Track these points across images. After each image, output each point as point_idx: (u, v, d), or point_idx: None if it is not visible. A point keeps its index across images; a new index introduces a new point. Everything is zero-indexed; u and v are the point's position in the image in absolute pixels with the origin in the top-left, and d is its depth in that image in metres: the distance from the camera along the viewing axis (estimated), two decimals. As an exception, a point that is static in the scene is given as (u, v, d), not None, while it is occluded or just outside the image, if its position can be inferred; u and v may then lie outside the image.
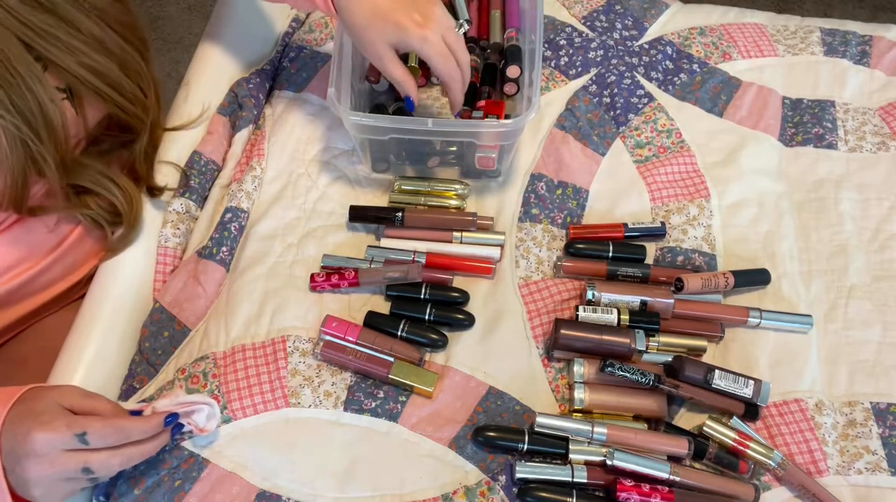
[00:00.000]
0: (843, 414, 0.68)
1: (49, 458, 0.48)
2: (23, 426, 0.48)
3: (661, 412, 0.65)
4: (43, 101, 0.49)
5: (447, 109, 0.86)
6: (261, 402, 0.67)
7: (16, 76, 0.47)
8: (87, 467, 0.49)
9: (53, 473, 0.48)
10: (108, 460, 0.50)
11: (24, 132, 0.49)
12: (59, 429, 0.48)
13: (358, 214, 0.77)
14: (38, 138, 0.50)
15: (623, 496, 0.60)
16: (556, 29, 0.93)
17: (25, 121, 0.49)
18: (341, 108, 0.69)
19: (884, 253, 0.77)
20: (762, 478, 0.65)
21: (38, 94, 0.49)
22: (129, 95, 0.59)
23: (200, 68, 0.85)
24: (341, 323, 0.69)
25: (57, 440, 0.48)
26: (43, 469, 0.48)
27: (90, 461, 0.49)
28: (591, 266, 0.74)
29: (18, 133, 0.49)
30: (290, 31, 0.95)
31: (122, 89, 0.57)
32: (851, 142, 0.84)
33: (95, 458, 0.49)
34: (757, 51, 0.91)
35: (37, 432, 0.47)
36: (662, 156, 0.83)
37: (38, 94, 0.49)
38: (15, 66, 0.47)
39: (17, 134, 0.49)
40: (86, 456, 0.49)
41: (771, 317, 0.71)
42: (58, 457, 0.48)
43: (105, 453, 0.50)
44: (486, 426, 0.65)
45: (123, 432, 0.51)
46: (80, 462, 0.49)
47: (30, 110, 0.49)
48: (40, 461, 0.48)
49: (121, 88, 0.57)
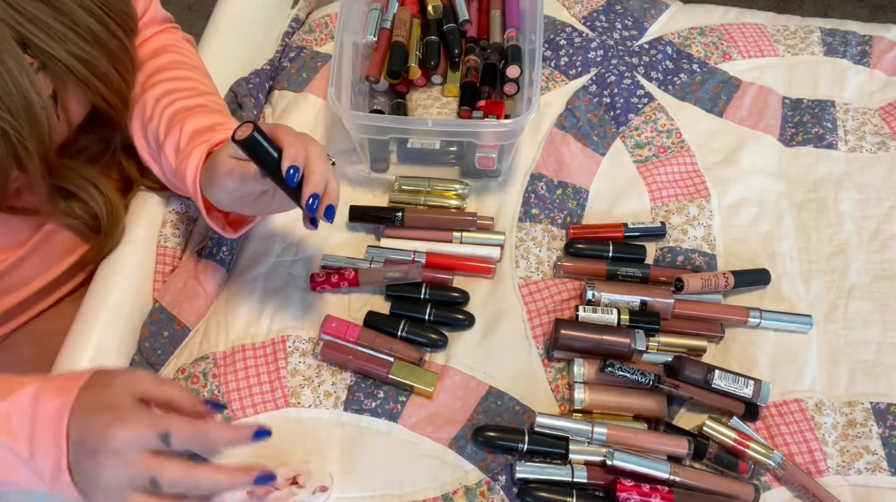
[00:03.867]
0: (843, 414, 0.68)
1: (126, 458, 0.44)
2: (98, 419, 0.44)
3: (661, 412, 0.65)
4: (27, 91, 0.48)
5: (447, 109, 0.86)
6: (261, 402, 0.67)
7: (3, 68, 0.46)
8: (155, 479, 0.44)
9: (126, 475, 0.44)
10: (181, 477, 0.45)
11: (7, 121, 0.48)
12: (141, 428, 0.44)
13: (358, 214, 0.77)
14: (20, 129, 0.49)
15: (623, 496, 0.60)
16: (556, 29, 0.93)
17: (8, 111, 0.48)
18: (341, 107, 0.69)
19: (884, 253, 0.77)
20: (762, 478, 0.65)
21: (22, 85, 0.48)
22: (115, 87, 0.58)
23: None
24: (341, 323, 0.69)
25: (138, 439, 0.44)
26: (117, 469, 0.44)
27: (162, 472, 0.44)
28: (591, 266, 0.74)
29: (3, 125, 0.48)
30: (290, 31, 0.95)
31: (109, 81, 0.57)
32: (851, 142, 0.84)
33: (168, 471, 0.45)
34: (757, 51, 0.91)
35: (116, 429, 0.44)
36: (662, 156, 0.83)
37: (23, 85, 0.48)
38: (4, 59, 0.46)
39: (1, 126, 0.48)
40: (160, 464, 0.45)
41: (771, 317, 0.71)
42: (134, 458, 0.44)
43: (178, 469, 0.45)
44: (486, 426, 0.65)
45: (207, 437, 0.46)
46: (154, 469, 0.44)
47: (12, 100, 0.48)
48: (117, 460, 0.44)
49: (107, 80, 0.56)
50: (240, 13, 0.90)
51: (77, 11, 0.51)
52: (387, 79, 0.83)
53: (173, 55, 0.68)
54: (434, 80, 0.88)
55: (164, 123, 0.62)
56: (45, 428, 0.45)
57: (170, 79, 0.65)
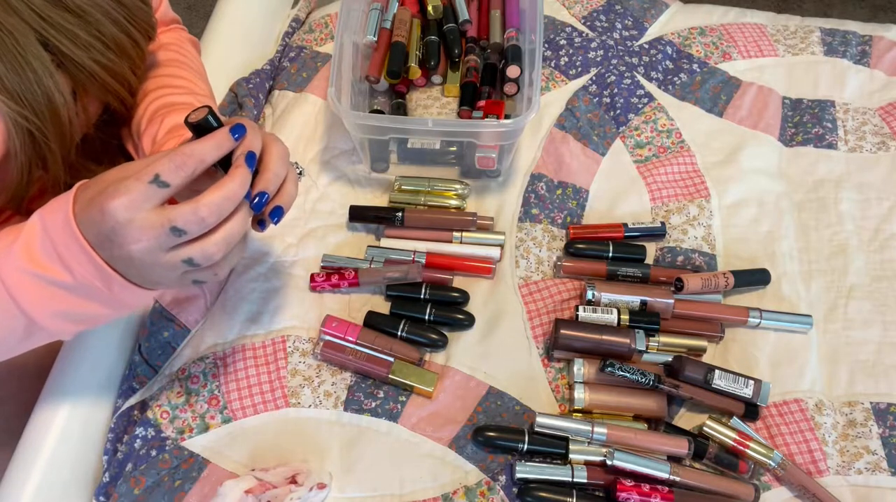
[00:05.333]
0: (843, 414, 0.68)
1: (137, 225, 0.42)
2: (95, 206, 0.42)
3: (661, 412, 0.65)
4: (52, 92, 0.50)
5: (447, 109, 0.86)
6: (261, 402, 0.67)
7: (29, 70, 0.48)
8: (173, 226, 0.42)
9: (150, 240, 0.42)
10: (194, 212, 0.43)
11: (33, 123, 0.49)
12: (131, 188, 0.42)
13: (358, 214, 0.77)
14: (45, 128, 0.51)
15: (623, 496, 0.60)
16: (556, 29, 0.93)
17: (33, 111, 0.49)
18: (341, 107, 0.69)
19: (884, 253, 0.77)
20: (762, 478, 0.65)
21: (46, 86, 0.49)
22: (132, 88, 0.59)
23: (200, 68, 0.85)
24: (341, 323, 0.69)
25: (134, 199, 0.42)
26: (139, 239, 0.42)
27: (175, 215, 0.42)
28: (591, 266, 0.74)
29: (26, 124, 0.49)
30: (290, 31, 0.95)
31: (128, 83, 0.58)
32: (851, 142, 0.84)
33: (178, 211, 0.43)
34: (757, 51, 0.91)
35: (110, 202, 0.42)
36: (662, 156, 0.83)
37: (47, 86, 0.49)
38: (30, 61, 0.48)
39: (25, 124, 0.49)
40: (168, 211, 0.42)
41: (771, 317, 0.71)
42: (143, 220, 0.42)
43: (188, 205, 0.43)
44: (486, 426, 0.65)
45: (195, 154, 0.43)
46: (166, 219, 0.42)
47: (37, 101, 0.49)
48: (132, 230, 0.42)
49: (125, 82, 0.57)
50: (240, 13, 0.90)
51: (102, 21, 0.52)
52: (387, 79, 0.83)
53: (171, 53, 0.68)
54: (434, 80, 0.88)
55: (147, 116, 0.62)
56: (66, 245, 0.44)
57: (162, 75, 0.65)
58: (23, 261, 0.45)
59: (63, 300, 0.46)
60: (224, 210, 0.44)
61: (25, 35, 0.47)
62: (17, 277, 0.45)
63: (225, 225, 0.45)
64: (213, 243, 0.45)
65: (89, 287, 0.46)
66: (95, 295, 0.46)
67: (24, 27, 0.47)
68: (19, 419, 0.64)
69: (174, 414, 0.66)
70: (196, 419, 0.66)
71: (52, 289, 0.45)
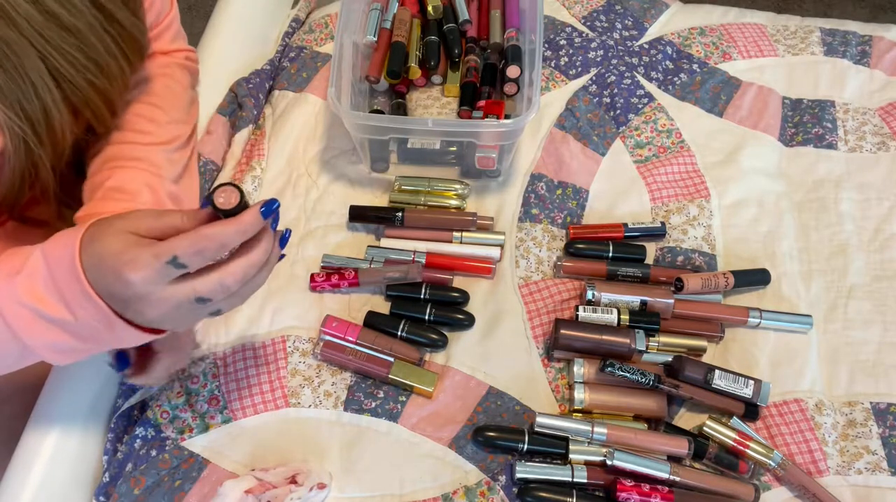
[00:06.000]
0: (843, 414, 0.68)
1: (155, 296, 0.43)
2: (108, 271, 0.43)
3: (661, 412, 0.65)
4: (49, 109, 0.51)
5: (447, 109, 0.86)
6: (261, 402, 0.67)
7: (28, 84, 0.49)
8: (199, 297, 0.43)
9: (171, 308, 0.44)
10: (220, 282, 0.44)
11: (28, 133, 0.51)
12: (147, 264, 0.42)
13: (358, 214, 0.77)
14: (40, 139, 0.52)
15: (623, 496, 0.60)
16: (556, 29, 0.93)
17: (30, 123, 0.50)
18: (341, 107, 0.69)
19: (884, 253, 0.77)
20: (762, 478, 0.65)
21: (45, 102, 0.50)
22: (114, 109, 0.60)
23: (200, 68, 0.85)
24: (341, 323, 0.69)
25: (152, 276, 0.42)
26: (159, 307, 0.43)
27: (199, 289, 0.43)
28: (591, 266, 0.74)
29: (22, 134, 0.50)
30: (290, 31, 0.95)
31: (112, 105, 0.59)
32: (851, 143, 0.84)
33: (203, 285, 0.43)
34: (757, 51, 0.91)
35: (128, 274, 0.42)
36: (662, 156, 0.83)
37: (46, 103, 0.51)
38: (28, 75, 0.49)
39: (21, 134, 0.50)
40: (192, 284, 0.43)
41: (771, 317, 0.71)
42: (164, 292, 0.43)
43: (213, 276, 0.44)
44: (486, 426, 0.65)
45: (216, 239, 0.43)
46: (189, 292, 0.43)
47: (36, 114, 0.50)
48: (149, 302, 0.43)
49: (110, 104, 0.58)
50: (240, 13, 0.90)
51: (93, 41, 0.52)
52: (387, 79, 0.83)
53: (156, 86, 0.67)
54: (434, 80, 0.88)
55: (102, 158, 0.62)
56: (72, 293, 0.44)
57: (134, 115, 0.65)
58: (24, 295, 0.45)
59: (61, 336, 0.46)
60: (249, 276, 0.45)
61: (25, 49, 0.48)
62: (16, 309, 0.45)
63: (254, 281, 0.46)
64: (241, 298, 0.47)
65: (92, 328, 0.46)
66: (97, 335, 0.47)
67: (24, 42, 0.48)
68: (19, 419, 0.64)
69: (174, 414, 0.66)
70: (196, 419, 0.66)
71: (52, 326, 0.46)
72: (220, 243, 0.43)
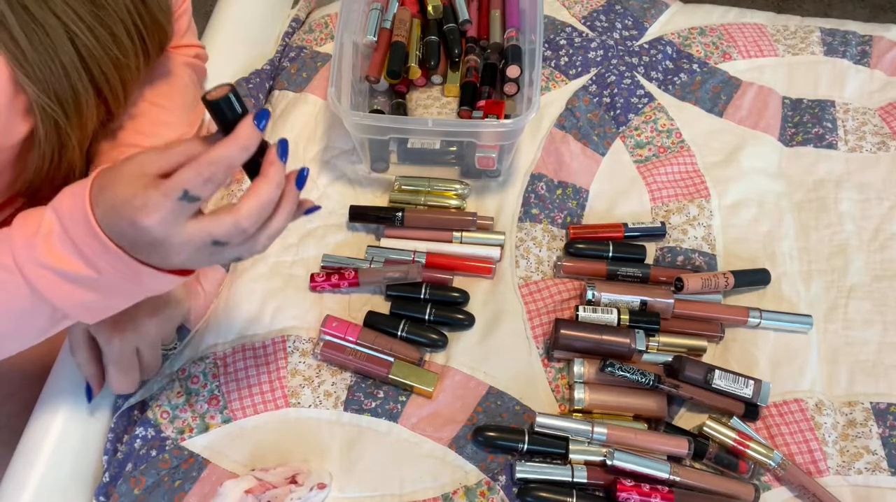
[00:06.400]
0: (843, 414, 0.68)
1: (175, 240, 0.42)
2: (123, 221, 0.42)
3: (661, 412, 0.65)
4: (78, 90, 0.52)
5: (447, 109, 0.86)
6: (261, 402, 0.67)
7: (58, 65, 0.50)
8: (215, 240, 0.43)
9: (192, 250, 0.43)
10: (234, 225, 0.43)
11: (59, 115, 0.52)
12: (159, 205, 0.41)
13: (358, 214, 0.77)
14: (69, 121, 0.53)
15: (623, 496, 0.60)
16: (556, 29, 0.93)
17: (60, 104, 0.52)
18: (341, 107, 0.69)
19: (884, 253, 0.77)
20: (762, 478, 0.65)
21: (74, 83, 0.52)
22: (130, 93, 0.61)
23: (200, 68, 0.85)
24: (341, 323, 0.69)
25: (165, 218, 0.41)
26: (181, 251, 0.43)
27: (214, 233, 0.42)
28: (591, 266, 0.74)
29: (53, 114, 0.52)
30: (290, 31, 0.95)
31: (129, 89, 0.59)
32: (851, 142, 0.84)
33: (218, 228, 0.42)
34: (757, 51, 0.91)
35: (142, 220, 0.41)
36: (662, 156, 0.83)
37: (75, 83, 0.52)
38: (59, 56, 0.50)
39: (52, 114, 0.52)
40: (207, 228, 0.42)
41: (771, 317, 0.71)
42: (182, 235, 0.42)
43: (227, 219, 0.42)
44: (486, 426, 0.65)
45: (221, 161, 0.41)
46: (205, 236, 0.42)
47: (65, 96, 0.52)
48: (170, 246, 0.42)
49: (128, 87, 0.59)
50: (240, 13, 0.90)
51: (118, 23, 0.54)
52: (387, 79, 0.83)
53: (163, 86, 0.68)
54: (434, 80, 0.88)
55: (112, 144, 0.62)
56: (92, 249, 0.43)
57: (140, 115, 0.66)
58: (44, 256, 0.44)
59: (89, 294, 0.46)
60: (266, 215, 0.44)
61: (56, 30, 0.49)
62: (39, 272, 0.44)
63: (271, 224, 0.45)
64: (262, 245, 0.46)
65: (118, 281, 0.45)
66: (125, 287, 0.46)
67: (55, 21, 0.49)
68: (20, 418, 0.64)
69: (174, 414, 0.66)
70: (196, 419, 0.66)
71: (78, 285, 0.45)
72: (225, 165, 0.42)
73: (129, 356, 0.60)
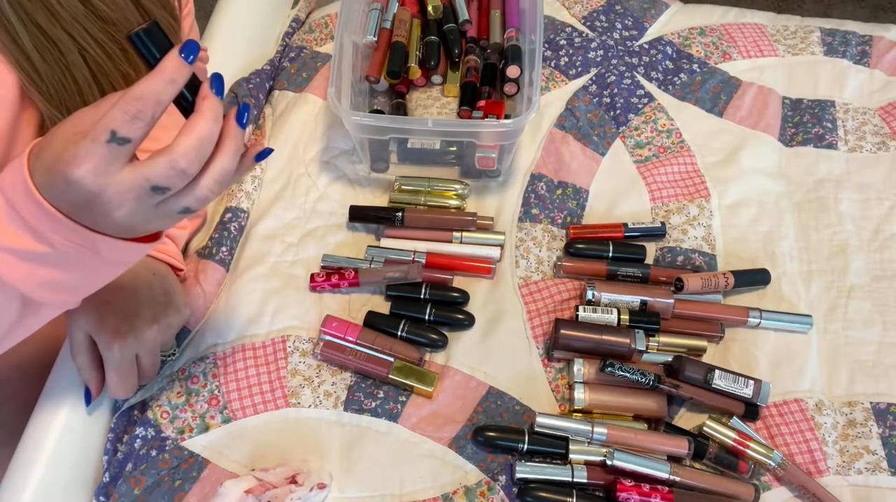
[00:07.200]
0: (843, 414, 0.68)
1: (111, 191, 0.39)
2: (58, 180, 0.38)
3: (661, 412, 0.65)
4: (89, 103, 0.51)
5: (447, 109, 0.86)
6: (261, 402, 0.67)
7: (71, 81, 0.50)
8: (154, 185, 0.39)
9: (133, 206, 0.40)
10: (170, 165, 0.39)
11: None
12: (88, 153, 0.37)
13: (358, 214, 0.77)
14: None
15: (623, 496, 0.60)
16: (556, 29, 0.93)
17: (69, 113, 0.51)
18: (341, 107, 0.69)
19: (884, 253, 0.77)
20: (762, 478, 0.65)
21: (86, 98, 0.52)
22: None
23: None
24: (341, 323, 0.69)
25: (96, 165, 0.38)
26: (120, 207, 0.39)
27: (149, 175, 0.39)
28: (591, 266, 0.74)
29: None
30: (290, 31, 0.95)
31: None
32: (851, 143, 0.84)
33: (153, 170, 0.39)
34: (757, 51, 0.91)
35: (72, 172, 0.37)
36: (662, 156, 0.83)
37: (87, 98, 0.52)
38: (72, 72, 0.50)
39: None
40: (141, 171, 0.39)
41: (771, 317, 0.71)
42: (118, 184, 0.39)
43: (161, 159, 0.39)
44: (486, 426, 0.65)
45: (147, 96, 0.38)
46: (142, 181, 0.39)
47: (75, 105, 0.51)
48: (108, 200, 0.39)
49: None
50: (240, 13, 0.90)
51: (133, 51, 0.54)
52: (387, 79, 0.83)
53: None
54: (434, 80, 0.88)
55: None
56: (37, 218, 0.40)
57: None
58: None
59: (50, 272, 0.43)
60: (204, 153, 0.40)
61: (68, 46, 0.49)
62: None
63: (214, 164, 0.41)
64: (207, 189, 0.41)
65: (75, 254, 0.42)
66: (84, 260, 0.43)
67: (67, 38, 0.49)
68: (20, 418, 0.64)
69: (174, 414, 0.66)
70: (196, 419, 0.66)
71: (35, 264, 0.42)
72: (153, 101, 0.38)
73: (128, 362, 0.61)
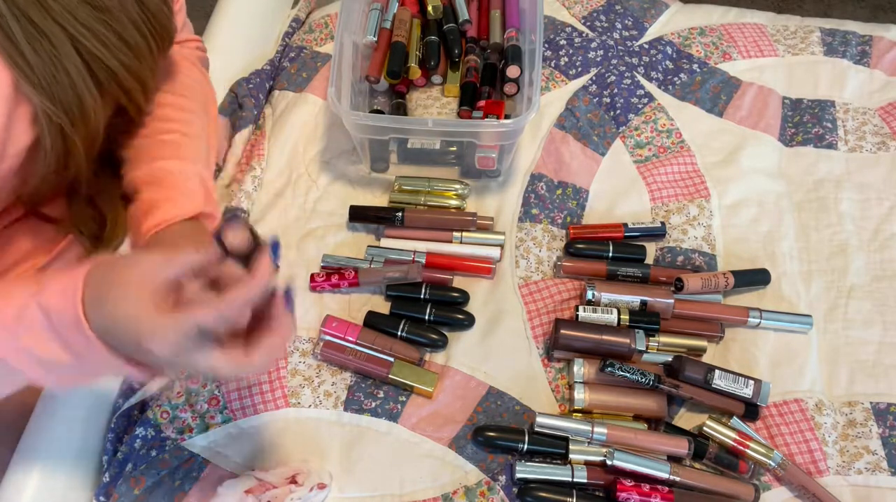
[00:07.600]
0: (843, 414, 0.68)
1: (177, 362, 0.42)
2: (126, 338, 0.42)
3: (661, 412, 0.65)
4: (84, 97, 0.52)
5: (447, 109, 0.86)
6: (261, 402, 0.67)
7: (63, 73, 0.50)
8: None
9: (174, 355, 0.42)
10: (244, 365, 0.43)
11: (64, 122, 0.52)
12: (170, 339, 0.41)
13: (358, 214, 0.77)
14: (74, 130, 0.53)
15: (623, 496, 0.60)
16: (556, 29, 0.93)
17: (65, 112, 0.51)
18: (341, 107, 0.69)
19: (884, 253, 0.77)
20: (762, 478, 0.65)
21: (80, 91, 0.51)
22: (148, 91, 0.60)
23: (200, 68, 0.85)
24: (341, 323, 0.69)
25: (174, 349, 0.41)
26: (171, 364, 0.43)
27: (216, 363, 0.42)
28: (591, 266, 0.74)
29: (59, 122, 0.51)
30: (290, 31, 0.95)
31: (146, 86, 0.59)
32: (851, 143, 0.84)
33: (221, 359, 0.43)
34: (757, 51, 0.91)
35: (148, 345, 0.41)
36: (662, 156, 0.83)
37: (81, 91, 0.51)
38: (64, 64, 0.50)
39: (58, 122, 0.51)
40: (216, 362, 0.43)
41: (771, 317, 0.71)
42: (188, 360, 0.42)
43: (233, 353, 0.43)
44: (486, 426, 0.65)
45: (239, 302, 0.42)
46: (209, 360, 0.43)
47: (70, 104, 0.51)
48: (166, 362, 0.42)
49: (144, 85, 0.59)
50: (240, 13, 0.90)
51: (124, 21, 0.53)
52: (387, 79, 0.83)
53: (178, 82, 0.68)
54: (434, 80, 0.88)
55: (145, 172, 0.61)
56: (82, 346, 0.43)
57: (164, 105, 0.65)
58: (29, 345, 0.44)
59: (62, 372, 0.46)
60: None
61: (59, 37, 0.49)
62: (18, 356, 0.44)
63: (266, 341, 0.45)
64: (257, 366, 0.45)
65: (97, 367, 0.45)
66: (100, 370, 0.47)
67: (58, 29, 0.49)
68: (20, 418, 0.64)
69: (174, 414, 0.66)
70: (196, 419, 0.66)
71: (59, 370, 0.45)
72: (244, 304, 0.43)
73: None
